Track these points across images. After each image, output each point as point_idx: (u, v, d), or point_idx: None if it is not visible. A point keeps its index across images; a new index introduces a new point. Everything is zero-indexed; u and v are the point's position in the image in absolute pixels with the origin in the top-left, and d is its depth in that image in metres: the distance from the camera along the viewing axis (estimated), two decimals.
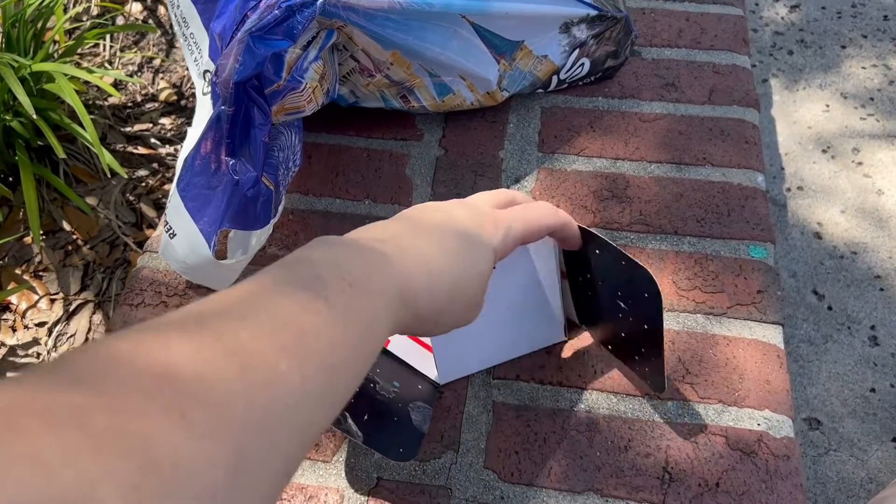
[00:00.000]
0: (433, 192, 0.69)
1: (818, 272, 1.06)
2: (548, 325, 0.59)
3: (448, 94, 0.69)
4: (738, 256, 0.64)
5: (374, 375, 0.56)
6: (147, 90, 1.01)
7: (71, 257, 0.86)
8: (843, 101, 1.25)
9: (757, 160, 0.70)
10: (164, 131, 0.96)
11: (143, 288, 0.65)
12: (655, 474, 0.54)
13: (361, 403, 0.54)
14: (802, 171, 1.17)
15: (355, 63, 0.65)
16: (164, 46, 1.05)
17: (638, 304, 0.52)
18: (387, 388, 0.56)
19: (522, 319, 0.58)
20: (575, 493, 0.53)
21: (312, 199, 0.70)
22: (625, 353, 0.57)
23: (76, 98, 0.75)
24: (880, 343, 1.00)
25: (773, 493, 0.53)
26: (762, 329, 0.60)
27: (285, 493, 0.54)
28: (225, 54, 0.55)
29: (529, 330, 0.59)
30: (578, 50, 0.71)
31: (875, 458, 0.91)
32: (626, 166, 0.70)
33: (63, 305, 0.82)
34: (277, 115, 0.59)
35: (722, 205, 0.67)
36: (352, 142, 0.74)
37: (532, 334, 0.59)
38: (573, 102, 0.75)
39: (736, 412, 0.56)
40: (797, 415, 0.94)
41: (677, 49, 0.79)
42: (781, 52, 1.32)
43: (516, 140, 0.73)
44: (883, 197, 1.13)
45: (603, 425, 0.56)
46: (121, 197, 0.89)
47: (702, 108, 0.74)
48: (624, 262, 0.51)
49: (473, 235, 0.44)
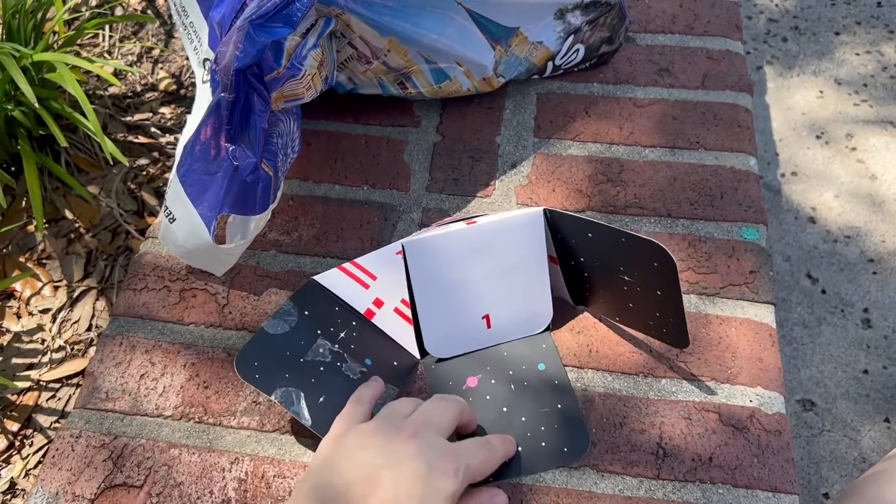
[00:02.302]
0: (431, 178, 0.70)
1: (812, 256, 1.07)
2: (537, 309, 0.60)
3: (445, 81, 0.70)
4: (730, 238, 0.65)
5: (344, 352, 0.57)
6: (147, 80, 1.01)
7: (73, 245, 0.87)
8: (836, 88, 1.26)
9: (749, 144, 0.71)
10: (164, 120, 0.97)
11: (146, 273, 0.66)
12: (650, 450, 0.55)
13: (321, 384, 0.55)
14: (796, 157, 1.18)
15: (353, 50, 0.66)
16: (162, 36, 1.06)
17: (647, 274, 0.54)
18: (354, 367, 0.56)
19: (511, 301, 0.59)
20: (571, 468, 0.54)
21: (312, 185, 0.71)
22: (637, 321, 0.58)
23: (77, 87, 0.76)
24: (873, 325, 1.01)
25: (764, 468, 0.54)
26: (754, 308, 0.61)
27: (288, 470, 0.55)
28: (224, 42, 0.55)
29: (518, 312, 0.60)
30: (573, 36, 0.72)
31: (868, 438, 0.93)
32: (620, 151, 0.71)
33: (66, 292, 0.83)
34: (277, 103, 0.60)
35: (715, 188, 0.68)
36: (350, 128, 0.75)
37: (521, 317, 0.60)
38: (568, 88, 0.76)
39: (729, 389, 0.58)
40: (791, 396, 0.96)
41: (671, 35, 0.80)
42: (776, 39, 1.33)
43: (513, 126, 0.74)
44: (876, 182, 1.14)
45: (598, 403, 0.57)
46: (122, 185, 0.90)
47: (695, 93, 0.75)
48: (624, 239, 0.53)
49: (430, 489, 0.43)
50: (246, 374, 0.54)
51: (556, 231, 0.58)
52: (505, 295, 0.59)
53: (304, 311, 0.57)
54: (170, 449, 0.56)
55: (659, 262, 0.52)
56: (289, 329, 0.56)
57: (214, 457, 0.56)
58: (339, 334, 0.57)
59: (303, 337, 0.56)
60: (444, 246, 0.58)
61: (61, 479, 0.55)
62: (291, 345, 0.56)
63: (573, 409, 0.56)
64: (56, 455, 0.57)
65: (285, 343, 0.56)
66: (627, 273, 0.55)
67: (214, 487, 0.54)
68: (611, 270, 0.56)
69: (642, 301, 0.56)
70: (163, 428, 0.57)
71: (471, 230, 0.58)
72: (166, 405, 0.59)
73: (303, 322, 0.57)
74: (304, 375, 0.55)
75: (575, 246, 0.57)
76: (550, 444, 0.54)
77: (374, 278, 0.59)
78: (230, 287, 0.64)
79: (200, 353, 0.61)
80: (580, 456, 0.54)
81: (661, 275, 0.53)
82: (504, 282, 0.59)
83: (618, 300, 0.58)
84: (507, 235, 0.58)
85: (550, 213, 0.58)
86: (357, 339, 0.58)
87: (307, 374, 0.55)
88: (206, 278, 0.65)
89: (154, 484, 0.55)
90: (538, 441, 0.55)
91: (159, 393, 0.59)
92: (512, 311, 0.60)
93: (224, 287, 0.64)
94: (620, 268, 0.55)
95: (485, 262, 0.58)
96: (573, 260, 0.58)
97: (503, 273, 0.59)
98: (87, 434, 0.57)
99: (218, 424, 0.57)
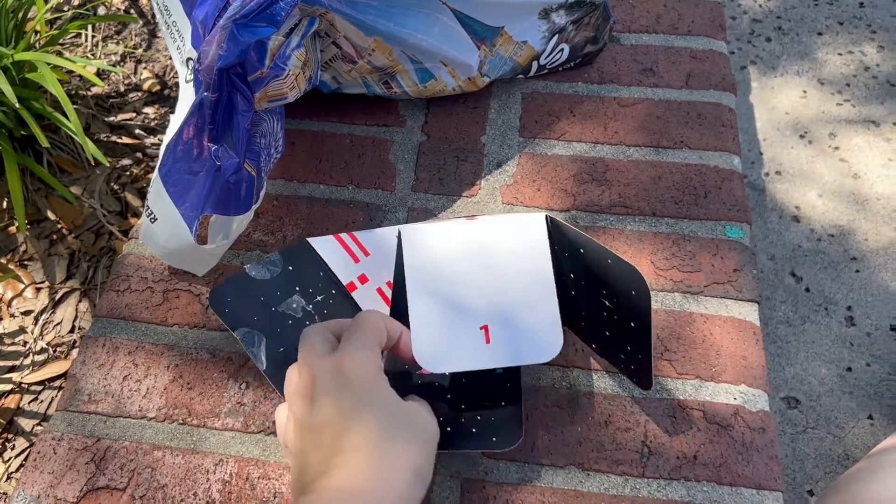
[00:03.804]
0: (416, 177, 0.70)
1: (796, 255, 1.08)
2: (544, 331, 0.53)
3: (430, 80, 0.70)
4: (714, 237, 0.65)
5: (316, 315, 0.57)
6: (130, 80, 1.01)
7: (56, 246, 0.86)
8: (819, 87, 1.27)
9: (733, 143, 0.72)
10: (148, 121, 0.96)
11: (129, 274, 0.65)
12: (635, 448, 0.55)
13: (285, 336, 0.55)
14: (780, 156, 1.18)
15: (337, 49, 0.66)
16: (146, 36, 1.05)
17: (625, 302, 0.51)
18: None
19: (513, 315, 0.53)
20: (557, 467, 0.54)
21: (296, 184, 0.70)
22: (610, 352, 0.56)
23: (59, 87, 0.75)
24: (856, 323, 1.02)
25: (749, 465, 0.54)
26: (738, 307, 0.62)
27: (272, 471, 0.55)
28: (208, 41, 0.55)
29: (522, 331, 0.53)
30: (558, 36, 0.72)
31: (851, 434, 0.93)
32: (605, 150, 0.71)
33: (49, 294, 0.83)
34: (260, 102, 0.59)
35: (699, 187, 0.69)
36: (335, 128, 0.74)
37: (525, 338, 0.53)
38: (553, 88, 0.76)
39: (713, 387, 0.58)
40: (776, 394, 0.96)
41: (655, 35, 0.80)
42: (759, 39, 1.34)
43: (498, 125, 0.74)
44: (859, 180, 1.15)
45: (584, 401, 0.57)
46: (105, 186, 0.89)
47: (679, 92, 0.75)
48: (610, 260, 0.50)
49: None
50: (217, 306, 0.55)
51: (552, 242, 0.55)
52: (506, 304, 0.53)
53: (288, 266, 0.58)
54: (153, 451, 0.56)
55: (637, 290, 0.49)
56: (269, 277, 0.58)
57: (198, 459, 0.55)
58: (316, 297, 0.58)
59: (280, 288, 0.58)
60: (443, 237, 0.56)
61: (43, 482, 0.55)
62: (267, 292, 0.57)
63: (516, 410, 0.53)
64: (38, 458, 0.56)
65: (262, 289, 0.57)
66: (608, 298, 0.52)
67: (198, 489, 0.54)
68: (595, 292, 0.53)
69: (617, 331, 0.53)
70: (146, 430, 0.57)
71: (471, 224, 0.56)
72: (149, 407, 0.58)
73: (284, 275, 0.58)
74: (271, 323, 0.56)
75: (566, 260, 0.55)
76: (480, 431, 0.52)
77: (366, 254, 0.59)
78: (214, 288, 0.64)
79: (184, 355, 0.61)
80: (506, 449, 0.51)
81: (636, 305, 0.50)
82: (505, 289, 0.54)
83: (596, 326, 0.55)
84: (509, 237, 0.55)
85: (551, 221, 0.55)
86: (332, 307, 0.58)
87: (274, 323, 0.56)
88: (190, 279, 0.65)
89: (137, 486, 0.54)
90: (469, 427, 0.52)
91: (142, 394, 0.59)
92: (514, 327, 0.53)
93: (208, 288, 0.64)
94: (603, 291, 0.52)
95: (484, 261, 0.54)
96: (564, 275, 0.55)
97: (504, 279, 0.54)
98: (69, 436, 0.57)
99: (202, 426, 0.57)
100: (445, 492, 0.54)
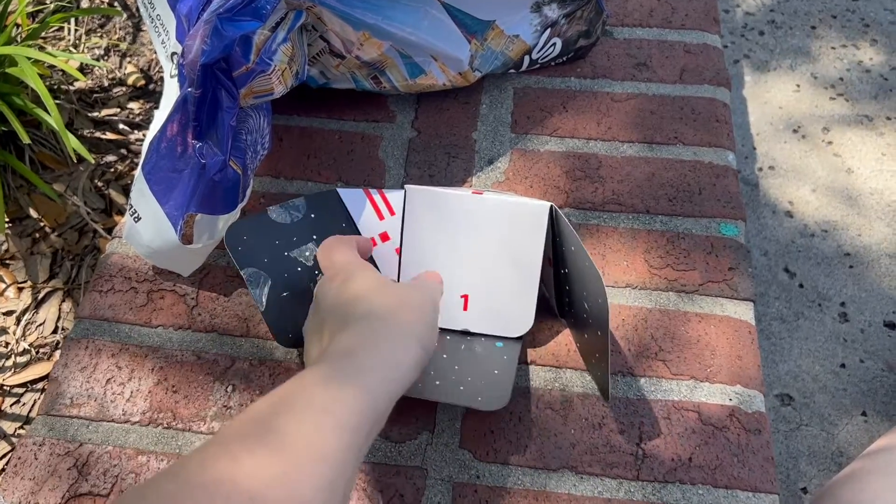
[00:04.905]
0: (406, 174, 0.69)
1: (789, 250, 1.07)
2: (518, 311, 0.57)
3: (420, 75, 0.68)
4: (709, 234, 0.65)
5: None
6: (114, 74, 0.99)
7: (38, 245, 0.84)
8: (813, 82, 1.26)
9: (728, 139, 0.71)
10: (133, 116, 0.94)
11: (112, 274, 0.64)
12: (629, 451, 0.54)
13: (291, 282, 0.56)
14: (774, 151, 1.17)
15: (325, 44, 0.64)
16: (130, 30, 1.03)
17: (594, 308, 0.52)
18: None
19: (493, 290, 0.57)
20: (550, 470, 0.53)
21: (284, 181, 0.69)
22: (586, 355, 0.57)
23: (39, 81, 0.73)
24: (850, 319, 1.01)
25: (744, 467, 0.53)
26: (734, 306, 0.61)
27: None
28: (191, 35, 0.54)
29: (498, 306, 0.57)
30: (550, 30, 0.71)
31: (845, 432, 0.93)
32: (598, 146, 0.70)
33: (31, 294, 0.81)
34: (246, 98, 0.58)
35: (693, 183, 0.68)
36: (323, 124, 0.73)
37: (499, 313, 0.57)
38: (545, 83, 0.75)
39: (708, 388, 0.57)
40: (769, 391, 0.96)
41: (649, 29, 0.79)
42: (753, 33, 1.33)
43: (489, 121, 0.72)
44: (852, 176, 1.14)
45: (577, 403, 0.56)
46: (89, 183, 0.88)
47: (673, 87, 0.74)
48: (587, 263, 0.51)
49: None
50: (231, 242, 0.55)
51: (555, 234, 0.56)
52: (489, 281, 0.57)
53: (311, 214, 0.58)
54: (137, 456, 0.55)
55: (602, 299, 0.50)
56: (289, 222, 0.57)
57: None
58: None
59: (298, 234, 0.57)
60: (447, 203, 0.57)
61: (24, 488, 0.53)
62: (284, 236, 0.57)
63: (507, 380, 0.54)
64: (18, 464, 0.55)
65: (279, 232, 0.57)
66: (588, 300, 0.53)
67: None
68: (581, 293, 0.54)
69: (590, 336, 0.55)
70: (130, 434, 0.56)
71: (476, 198, 0.57)
72: (133, 411, 0.57)
73: (306, 221, 0.58)
74: (280, 267, 0.56)
75: (564, 254, 0.56)
76: (468, 389, 0.53)
77: (392, 213, 0.59)
78: (199, 288, 0.63)
79: (169, 357, 0.59)
80: (489, 409, 0.52)
81: (600, 315, 0.51)
82: (492, 266, 0.57)
83: (579, 327, 0.57)
84: (509, 219, 0.56)
85: (556, 213, 0.55)
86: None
87: (283, 267, 0.56)
88: (175, 279, 0.63)
89: (121, 493, 0.53)
90: (458, 384, 0.53)
91: (126, 398, 0.57)
92: (492, 302, 0.57)
93: (193, 288, 0.63)
94: (584, 293, 0.54)
95: (479, 236, 0.57)
96: (563, 268, 0.56)
97: (494, 257, 0.57)
98: (50, 441, 0.55)
99: (187, 430, 0.56)
100: (437, 496, 0.52)
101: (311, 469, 0.33)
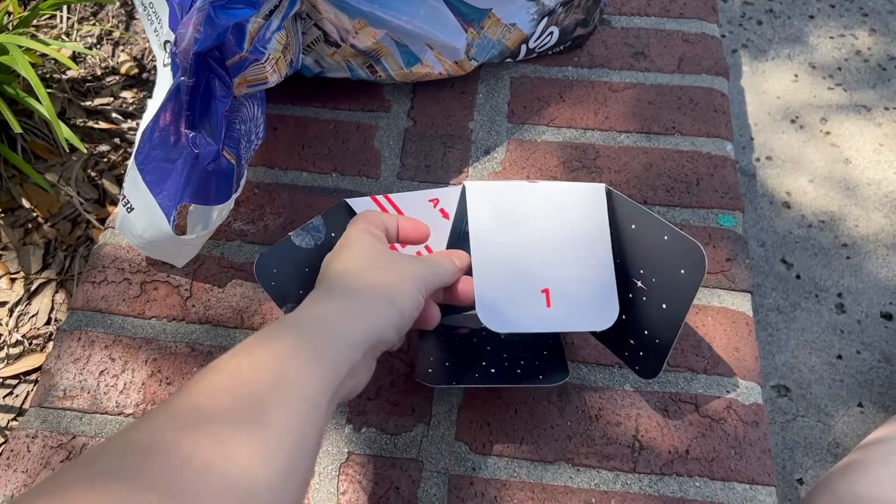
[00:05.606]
0: (402, 164, 0.68)
1: (787, 241, 1.07)
2: (601, 298, 0.53)
3: (416, 64, 0.68)
4: (707, 225, 0.64)
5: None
6: (107, 63, 0.98)
7: (31, 235, 0.83)
8: (811, 72, 1.25)
9: (726, 129, 0.70)
10: (126, 105, 0.93)
11: (105, 265, 0.63)
12: (626, 443, 0.54)
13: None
14: (771, 141, 1.17)
15: (320, 32, 0.63)
16: (123, 18, 1.02)
17: (664, 281, 0.50)
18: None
19: (573, 279, 0.53)
20: (546, 462, 0.53)
21: (278, 172, 0.68)
22: (617, 336, 0.55)
23: (30, 70, 0.72)
24: (847, 310, 1.01)
25: (741, 459, 0.53)
26: (731, 297, 0.60)
27: None
28: (184, 23, 0.53)
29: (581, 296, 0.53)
30: (547, 18, 0.70)
31: (841, 423, 0.93)
32: (595, 136, 0.70)
33: (24, 285, 0.80)
34: (240, 87, 0.57)
35: (691, 174, 0.67)
36: (318, 113, 0.72)
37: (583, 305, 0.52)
38: (542, 72, 0.74)
39: (705, 380, 0.57)
40: (766, 382, 0.95)
41: (647, 17, 0.78)
42: (751, 23, 1.32)
43: (486, 111, 0.72)
44: (850, 166, 1.14)
45: (573, 395, 0.56)
46: (82, 173, 0.87)
47: (671, 76, 0.74)
48: (667, 236, 0.50)
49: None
50: (264, 278, 0.52)
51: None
52: (566, 271, 0.53)
53: (331, 233, 0.55)
54: None
55: (688, 268, 0.48)
56: (314, 245, 0.55)
57: None
58: None
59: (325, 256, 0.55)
60: (508, 196, 0.54)
61: (16, 481, 0.53)
62: (312, 262, 0.54)
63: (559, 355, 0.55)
64: (11, 456, 0.54)
65: (307, 258, 0.54)
66: (644, 279, 0.51)
67: None
68: (627, 272, 0.53)
69: (637, 315, 0.52)
70: (123, 426, 0.55)
71: (534, 187, 0.54)
72: (127, 403, 0.56)
73: (329, 242, 0.55)
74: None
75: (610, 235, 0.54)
76: (525, 372, 0.54)
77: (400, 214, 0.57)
78: (193, 279, 0.62)
79: (162, 349, 0.59)
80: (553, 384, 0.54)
81: (680, 284, 0.49)
82: (565, 255, 0.53)
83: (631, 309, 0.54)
84: (571, 203, 0.54)
85: (609, 193, 0.54)
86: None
87: None
88: (169, 270, 0.63)
89: None
90: (514, 368, 0.54)
91: (119, 390, 0.57)
92: (574, 293, 0.52)
93: (187, 279, 0.62)
94: (641, 270, 0.52)
95: (545, 226, 0.53)
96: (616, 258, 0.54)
97: (564, 245, 0.53)
98: (43, 434, 0.55)
99: None
100: (433, 488, 0.52)
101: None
